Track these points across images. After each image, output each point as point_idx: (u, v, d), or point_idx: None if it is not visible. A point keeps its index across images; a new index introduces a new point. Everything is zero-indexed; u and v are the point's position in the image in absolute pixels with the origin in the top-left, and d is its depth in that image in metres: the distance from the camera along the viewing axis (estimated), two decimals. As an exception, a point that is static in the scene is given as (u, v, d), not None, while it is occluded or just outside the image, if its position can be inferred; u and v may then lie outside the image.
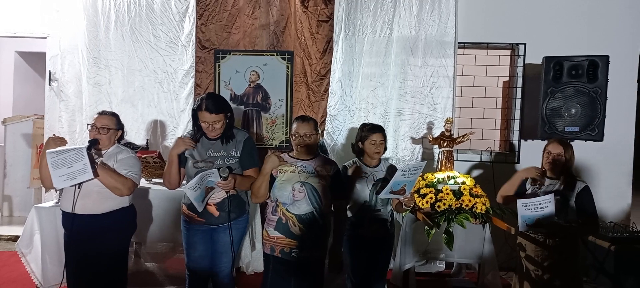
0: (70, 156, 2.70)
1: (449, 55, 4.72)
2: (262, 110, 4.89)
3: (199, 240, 3.03)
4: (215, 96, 3.04)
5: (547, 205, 2.85)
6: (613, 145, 4.62)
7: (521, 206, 2.93)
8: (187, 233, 3.07)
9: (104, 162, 2.91)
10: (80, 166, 2.72)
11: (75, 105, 4.94)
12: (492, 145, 5.03)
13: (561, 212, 2.97)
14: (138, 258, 4.33)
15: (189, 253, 3.08)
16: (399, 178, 2.92)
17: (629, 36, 4.81)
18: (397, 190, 2.98)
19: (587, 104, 4.26)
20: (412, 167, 2.96)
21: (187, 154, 2.98)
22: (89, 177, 2.74)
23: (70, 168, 2.71)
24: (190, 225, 3.04)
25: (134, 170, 2.98)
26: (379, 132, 3.18)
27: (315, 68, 4.78)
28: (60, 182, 2.73)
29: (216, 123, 2.90)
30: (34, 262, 3.73)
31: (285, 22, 4.81)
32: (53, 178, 2.72)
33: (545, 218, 2.86)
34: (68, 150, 2.75)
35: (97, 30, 4.85)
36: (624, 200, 4.89)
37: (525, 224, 2.94)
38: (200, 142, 2.98)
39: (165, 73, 4.86)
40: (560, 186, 3.03)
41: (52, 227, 3.65)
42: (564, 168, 3.06)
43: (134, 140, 4.68)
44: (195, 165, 2.95)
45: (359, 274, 3.18)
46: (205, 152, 2.97)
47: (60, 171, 2.71)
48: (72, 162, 2.71)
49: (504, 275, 4.30)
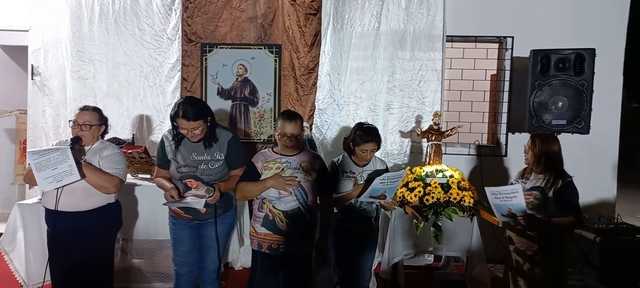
0: (54, 157, 2.64)
1: (437, 49, 4.71)
2: (250, 105, 4.85)
3: (186, 235, 3.01)
4: (193, 102, 2.86)
5: (515, 196, 2.86)
6: (599, 138, 4.66)
7: (490, 194, 2.98)
8: (174, 228, 3.04)
9: (88, 160, 2.85)
10: (66, 168, 2.66)
11: (59, 99, 4.85)
12: (479, 138, 5.06)
13: (541, 207, 2.95)
14: (124, 255, 4.28)
15: (176, 248, 3.05)
16: (377, 185, 2.94)
17: (614, 29, 4.85)
18: (376, 195, 2.99)
19: (574, 97, 4.28)
20: (391, 177, 2.97)
21: (170, 158, 2.92)
22: (76, 178, 2.69)
23: (55, 170, 2.66)
24: (177, 220, 3.00)
25: (120, 167, 2.94)
26: (372, 142, 3.08)
27: (304, 61, 4.74)
28: (45, 184, 2.68)
29: (195, 129, 2.80)
30: (18, 259, 3.66)
31: (272, 15, 4.76)
32: (38, 180, 2.66)
33: (517, 209, 2.86)
34: (51, 150, 2.68)
35: (80, 23, 4.76)
36: (609, 192, 4.96)
37: (501, 215, 2.96)
38: (182, 145, 2.90)
39: (151, 67, 4.79)
40: (541, 182, 3.00)
41: (35, 224, 3.58)
42: (547, 162, 3.00)
43: (120, 135, 4.62)
44: (178, 169, 2.90)
45: (345, 268, 3.19)
46: (189, 155, 2.89)
47: (45, 173, 2.64)
48: (56, 163, 2.65)
49: (491, 268, 4.33)
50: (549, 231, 2.97)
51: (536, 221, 2.93)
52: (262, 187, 2.79)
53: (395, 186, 3.02)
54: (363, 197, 3.00)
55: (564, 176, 2.99)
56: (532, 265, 3.01)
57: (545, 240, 2.98)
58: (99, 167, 2.87)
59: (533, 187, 3.02)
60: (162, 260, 4.17)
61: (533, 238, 3.01)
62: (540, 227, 2.96)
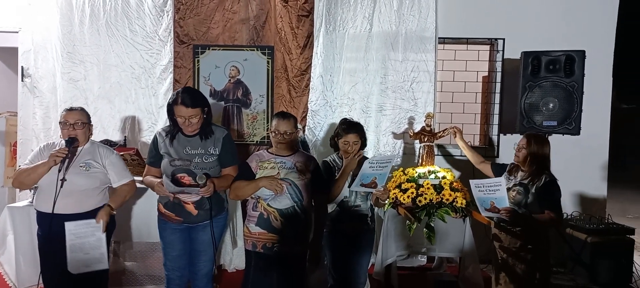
0: (89, 243, 2.70)
1: (429, 50, 4.73)
2: (243, 106, 4.84)
3: (176, 239, 2.98)
4: (192, 90, 2.97)
5: (498, 188, 2.92)
6: (589, 139, 4.70)
7: (474, 187, 3.03)
8: (163, 232, 3.01)
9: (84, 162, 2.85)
10: (98, 255, 2.73)
11: (50, 101, 4.81)
12: (471, 139, 5.08)
13: (522, 203, 3.03)
14: (117, 258, 4.25)
15: (167, 252, 3.03)
16: (367, 170, 2.95)
17: (604, 32, 4.91)
18: (367, 183, 3.00)
19: (564, 98, 4.32)
20: (380, 160, 2.99)
21: (162, 152, 2.90)
22: (105, 267, 2.80)
23: (86, 255, 2.71)
24: (167, 224, 2.97)
25: (128, 172, 3.07)
26: (353, 132, 3.12)
27: (296, 63, 4.74)
28: (73, 268, 2.73)
29: (193, 118, 2.81)
30: (8, 263, 3.64)
31: (265, 16, 4.76)
32: (69, 260, 2.72)
33: (500, 203, 2.91)
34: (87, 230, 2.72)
35: (71, 24, 4.72)
36: (599, 192, 5.00)
37: (484, 209, 3.00)
38: (176, 139, 2.90)
39: (142, 68, 4.76)
40: (525, 179, 3.08)
41: (26, 227, 3.55)
42: (533, 161, 3.06)
43: (111, 137, 4.60)
44: (171, 163, 2.87)
45: (340, 269, 3.18)
46: (182, 149, 2.88)
47: (76, 255, 2.69)
48: (89, 250, 2.71)
49: (484, 268, 4.35)
50: (532, 227, 3.01)
51: (519, 216, 2.98)
52: (255, 186, 2.79)
53: (385, 171, 3.01)
54: (354, 185, 3.01)
55: (548, 174, 3.05)
56: (516, 261, 3.05)
57: (529, 236, 3.03)
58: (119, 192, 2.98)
59: (516, 183, 3.10)
60: (155, 263, 4.14)
61: (517, 235, 3.06)
62: (523, 222, 3.01)
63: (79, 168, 2.83)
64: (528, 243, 3.02)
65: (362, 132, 3.19)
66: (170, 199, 2.86)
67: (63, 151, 2.73)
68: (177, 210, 2.90)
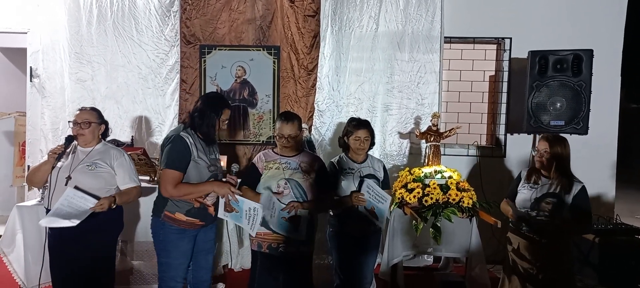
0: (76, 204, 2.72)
1: (436, 50, 4.72)
2: (249, 106, 4.85)
3: (189, 247, 2.90)
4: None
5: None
6: (597, 139, 4.67)
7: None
8: (180, 243, 2.85)
9: (93, 161, 2.87)
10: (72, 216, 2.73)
11: (58, 101, 4.85)
12: (478, 139, 5.06)
13: (556, 213, 2.89)
14: (124, 257, 4.27)
15: (178, 263, 2.88)
16: (366, 196, 3.07)
17: (612, 30, 4.87)
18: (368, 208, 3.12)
19: (572, 98, 4.29)
20: (378, 192, 3.07)
21: (196, 159, 2.79)
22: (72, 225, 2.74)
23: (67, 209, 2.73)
24: (185, 232, 2.84)
25: (136, 176, 3.06)
26: (363, 128, 3.16)
27: (303, 63, 4.75)
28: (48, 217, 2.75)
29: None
30: (17, 261, 3.66)
31: (271, 16, 4.77)
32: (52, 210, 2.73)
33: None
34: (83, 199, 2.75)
35: (78, 25, 4.76)
36: (608, 192, 4.96)
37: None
38: (196, 146, 2.82)
39: (149, 69, 4.79)
40: (556, 188, 2.93)
41: (34, 226, 3.57)
42: (559, 165, 2.94)
43: (119, 137, 4.61)
44: (209, 169, 2.85)
45: (346, 269, 3.18)
46: (207, 155, 2.88)
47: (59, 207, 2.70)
48: (71, 209, 2.72)
49: (491, 268, 4.33)
50: (558, 237, 2.92)
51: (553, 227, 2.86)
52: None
53: (385, 208, 3.10)
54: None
55: (575, 179, 2.95)
56: (533, 268, 2.99)
57: (551, 246, 2.93)
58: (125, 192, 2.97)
59: (547, 193, 2.95)
60: (162, 262, 4.16)
61: (535, 241, 2.96)
62: (555, 232, 2.88)
63: (85, 167, 2.85)
64: (544, 250, 2.91)
65: (372, 129, 3.24)
66: (194, 206, 2.82)
67: (59, 147, 2.82)
68: (202, 214, 2.86)
